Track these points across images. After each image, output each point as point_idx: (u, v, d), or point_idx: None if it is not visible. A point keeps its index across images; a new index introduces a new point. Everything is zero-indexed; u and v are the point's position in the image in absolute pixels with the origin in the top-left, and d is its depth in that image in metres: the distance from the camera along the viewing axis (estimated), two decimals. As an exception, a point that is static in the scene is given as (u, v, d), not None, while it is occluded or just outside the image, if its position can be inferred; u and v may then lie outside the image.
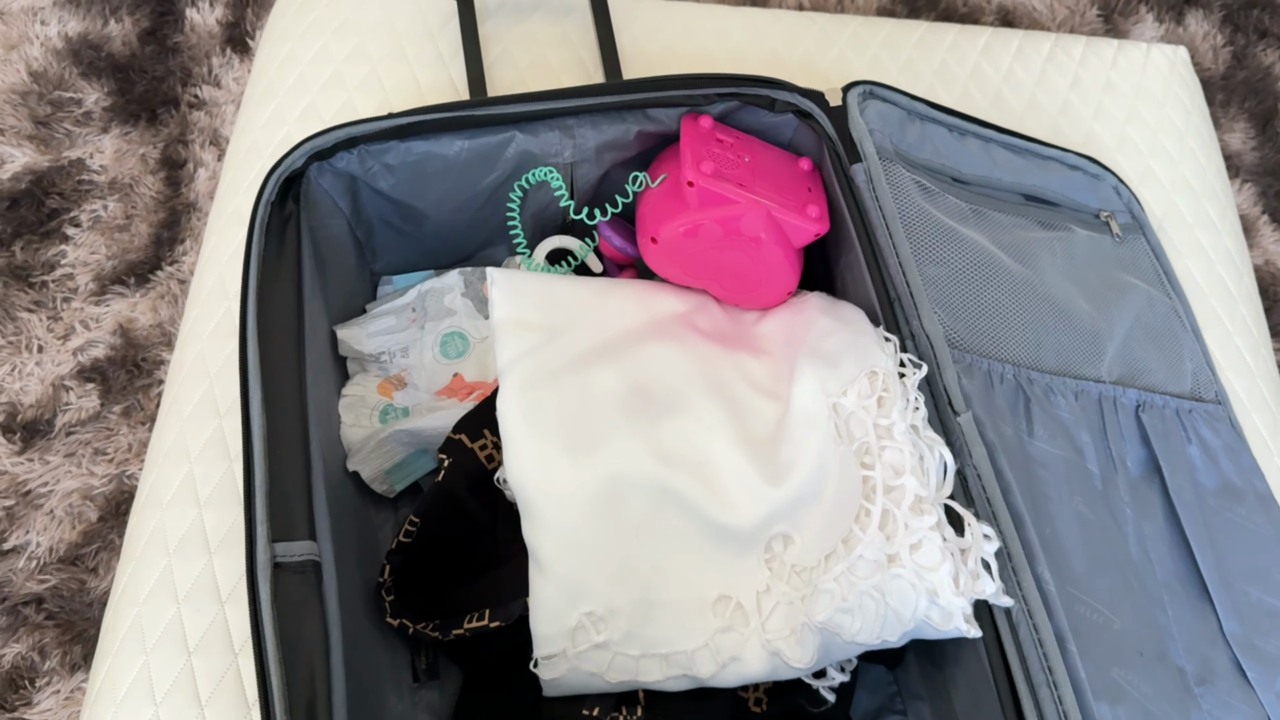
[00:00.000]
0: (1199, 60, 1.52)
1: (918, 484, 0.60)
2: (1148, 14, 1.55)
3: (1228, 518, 0.75)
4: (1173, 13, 1.56)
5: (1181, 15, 1.56)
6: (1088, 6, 1.54)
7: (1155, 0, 1.57)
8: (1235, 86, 1.51)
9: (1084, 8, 1.54)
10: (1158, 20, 1.55)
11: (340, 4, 0.97)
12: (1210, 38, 1.54)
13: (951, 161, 0.78)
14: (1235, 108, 1.49)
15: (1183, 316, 0.86)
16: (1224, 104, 1.49)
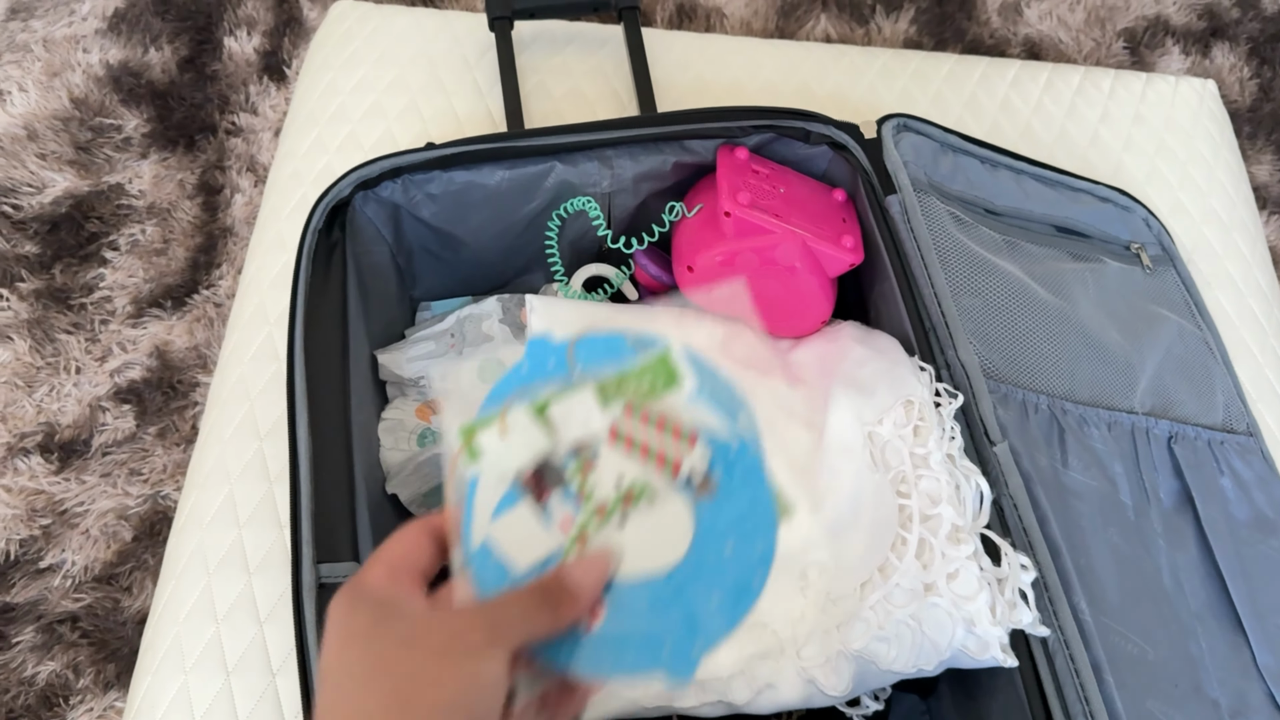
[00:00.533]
0: (1225, 92, 1.53)
1: (954, 513, 0.60)
2: (1174, 46, 1.56)
3: (1261, 550, 0.75)
4: (1199, 45, 1.57)
5: (1208, 48, 1.57)
6: (1113, 39, 1.55)
7: (1181, 33, 1.57)
8: (1262, 118, 1.51)
9: (1110, 40, 1.55)
10: (1184, 53, 1.56)
11: (379, 36, 0.99)
12: (1237, 70, 1.55)
13: (984, 193, 0.79)
14: (1262, 140, 1.49)
15: (1214, 348, 0.86)
16: (1251, 136, 1.50)
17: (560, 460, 0.45)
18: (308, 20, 1.46)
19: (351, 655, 0.38)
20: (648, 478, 0.45)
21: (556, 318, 0.69)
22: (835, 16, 1.53)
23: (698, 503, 0.45)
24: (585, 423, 0.46)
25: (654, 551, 0.44)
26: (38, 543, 1.11)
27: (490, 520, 0.44)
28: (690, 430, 0.46)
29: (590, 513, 0.45)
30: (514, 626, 0.39)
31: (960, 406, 0.65)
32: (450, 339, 0.78)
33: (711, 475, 0.45)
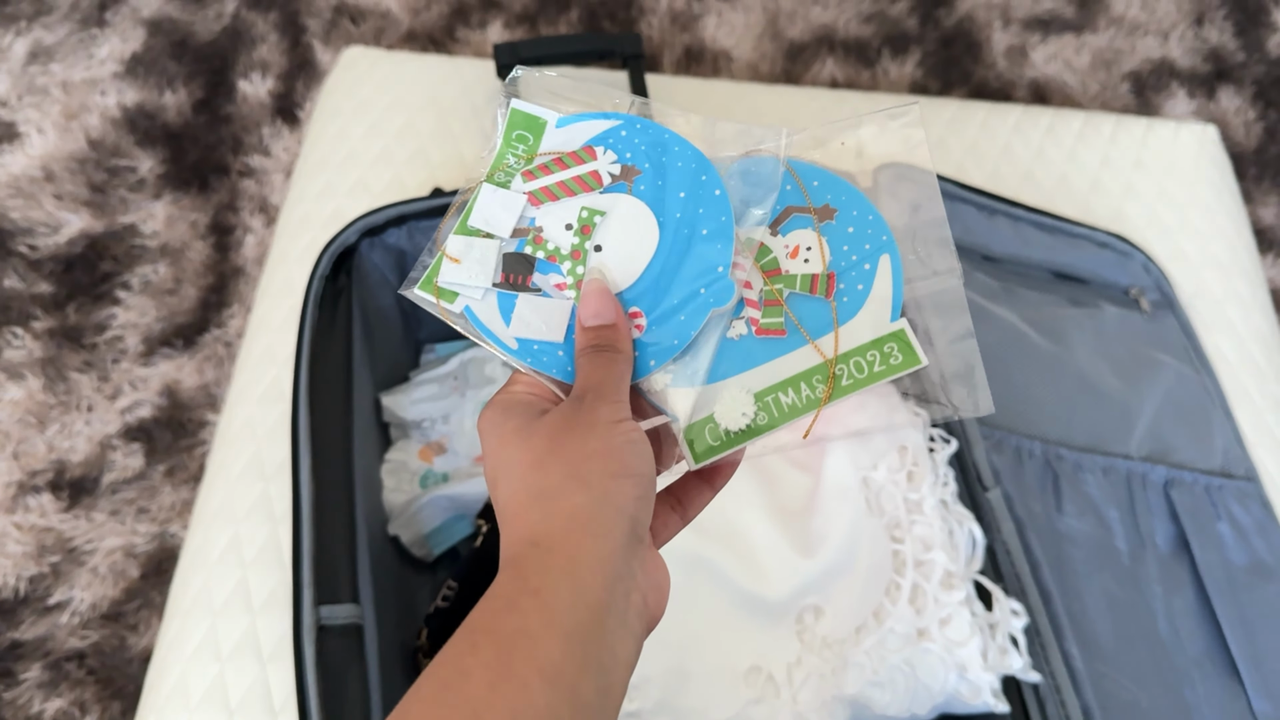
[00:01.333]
0: (1231, 135, 1.54)
1: (947, 559, 0.61)
2: (1179, 89, 1.57)
3: (1258, 596, 0.76)
4: (1204, 88, 1.58)
5: (1213, 91, 1.58)
6: (1119, 82, 1.57)
7: (1187, 76, 1.59)
8: (1268, 161, 1.52)
9: (1116, 83, 1.56)
10: (1190, 96, 1.57)
11: (390, 82, 1.01)
12: (1242, 113, 1.56)
13: (981, 240, 0.80)
14: (1269, 182, 1.50)
15: (1213, 393, 0.87)
16: (1257, 178, 1.50)
17: (514, 249, 0.50)
18: (321, 64, 1.48)
19: (515, 450, 0.41)
20: (584, 203, 0.50)
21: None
22: (842, 60, 1.55)
23: (633, 188, 0.51)
24: (506, 209, 0.51)
25: (637, 244, 0.50)
26: (46, 580, 1.12)
27: (506, 326, 0.49)
28: (583, 147, 0.51)
29: (571, 263, 0.49)
30: (611, 384, 0.44)
31: (954, 452, 0.65)
32: (453, 381, 0.79)
33: (626, 164, 0.51)
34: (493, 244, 0.50)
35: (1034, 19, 1.61)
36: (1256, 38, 1.63)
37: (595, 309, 0.46)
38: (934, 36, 1.59)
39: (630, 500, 0.39)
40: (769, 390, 0.49)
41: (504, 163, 0.52)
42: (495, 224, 0.50)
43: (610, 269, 0.49)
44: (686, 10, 1.57)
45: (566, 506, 0.38)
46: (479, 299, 0.49)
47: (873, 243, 0.51)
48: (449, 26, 1.53)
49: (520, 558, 0.38)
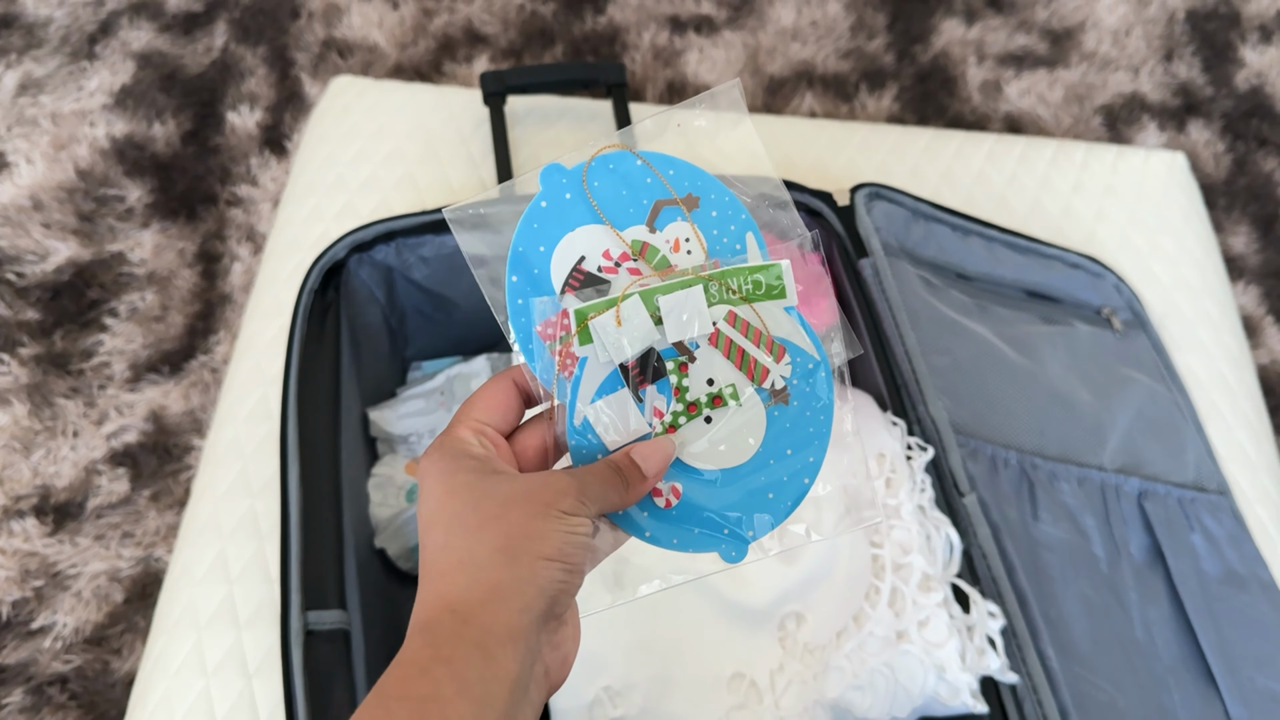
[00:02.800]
0: (1201, 167, 1.57)
1: (925, 562, 0.62)
2: (1150, 123, 1.61)
3: (1232, 605, 0.77)
4: (1175, 121, 1.62)
5: (1183, 124, 1.62)
6: (1092, 115, 1.60)
7: (1157, 110, 1.63)
8: (1238, 192, 1.56)
9: (1089, 116, 1.60)
10: (1160, 129, 1.61)
11: (377, 110, 1.03)
12: (1212, 145, 1.60)
13: (955, 259, 0.82)
14: (1238, 212, 1.53)
15: (1184, 410, 0.89)
16: (1227, 209, 1.54)
17: (662, 354, 0.50)
18: (308, 97, 1.51)
19: (458, 505, 0.42)
20: (736, 381, 0.50)
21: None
22: (820, 94, 1.58)
23: (770, 410, 0.51)
24: (689, 321, 0.50)
25: (730, 448, 0.50)
26: (30, 604, 1.12)
27: (590, 401, 0.49)
28: (779, 345, 0.51)
29: (682, 407, 0.50)
30: (595, 496, 0.44)
31: (931, 460, 0.67)
32: (440, 397, 0.81)
33: (789, 386, 0.51)
34: (655, 334, 0.49)
35: (1008, 55, 1.65)
36: (1224, 73, 1.67)
37: (649, 456, 0.47)
38: (910, 72, 1.62)
39: (554, 583, 0.40)
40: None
41: (733, 281, 0.51)
42: (673, 323, 0.50)
43: (698, 445, 0.50)
44: (669, 46, 1.60)
45: (491, 579, 0.39)
46: (599, 363, 0.49)
47: (736, 223, 0.52)
48: (435, 61, 1.56)
49: (435, 623, 0.39)
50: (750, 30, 1.63)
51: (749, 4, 1.67)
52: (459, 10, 1.61)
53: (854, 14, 1.67)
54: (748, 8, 1.66)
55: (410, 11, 1.60)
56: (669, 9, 1.65)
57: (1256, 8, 1.75)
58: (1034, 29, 1.68)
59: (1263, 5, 1.75)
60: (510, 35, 1.59)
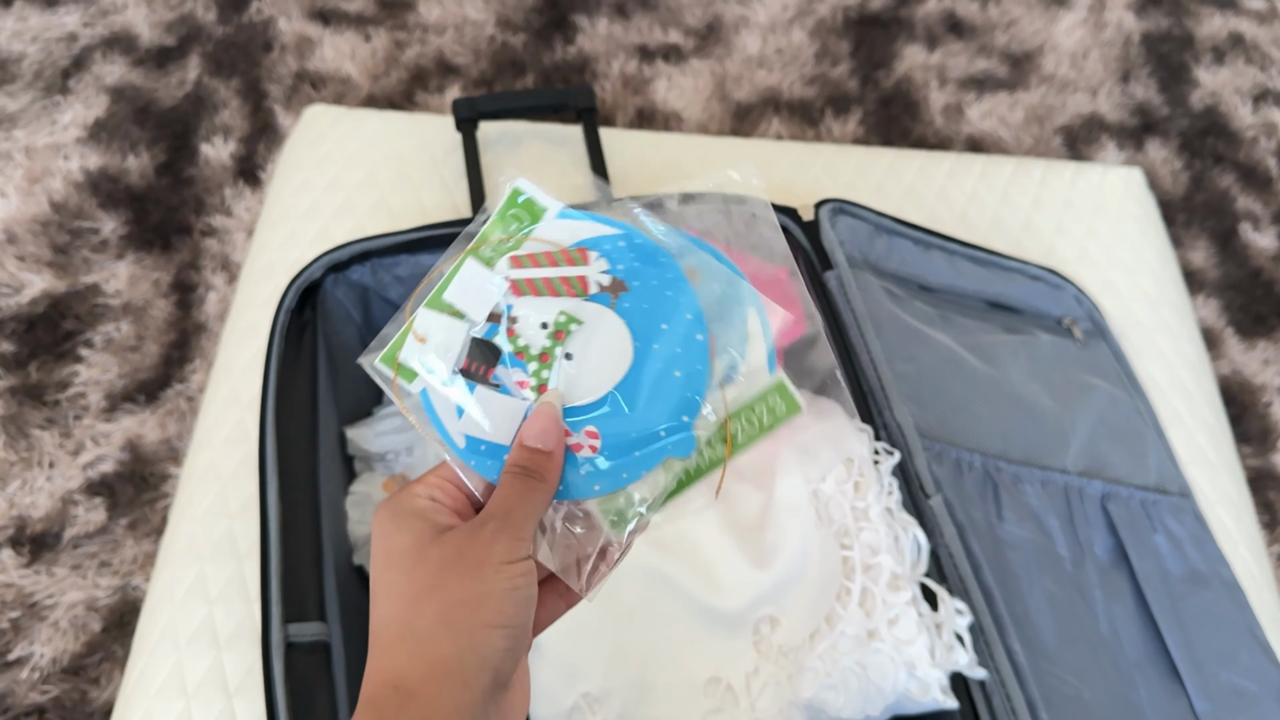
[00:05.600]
0: (1160, 184, 1.61)
1: (894, 562, 0.64)
2: (1109, 142, 1.65)
3: (1195, 603, 0.79)
4: (1133, 140, 1.66)
5: (1141, 143, 1.66)
6: (1052, 135, 1.64)
7: (1116, 129, 1.67)
8: (1195, 208, 1.59)
9: (1049, 136, 1.64)
10: (1119, 148, 1.65)
11: (351, 138, 1.04)
12: (1169, 163, 1.64)
13: (918, 271, 0.84)
14: (1196, 227, 1.57)
15: (1145, 415, 0.91)
16: (1185, 224, 1.58)
17: (484, 334, 0.48)
18: (282, 128, 1.52)
19: (396, 575, 0.41)
20: (564, 307, 0.48)
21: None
22: (787, 119, 1.61)
23: (617, 305, 0.48)
24: (484, 292, 0.48)
25: (607, 363, 0.48)
26: (5, 636, 1.11)
27: (458, 418, 0.47)
28: (577, 247, 0.49)
29: (537, 364, 0.47)
30: (522, 514, 0.43)
31: (897, 463, 0.69)
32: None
33: (616, 275, 0.49)
34: (462, 326, 0.48)
35: (969, 78, 1.69)
36: (1180, 93, 1.72)
37: (539, 431, 0.45)
38: (874, 96, 1.66)
39: (498, 652, 0.40)
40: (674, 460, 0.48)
41: (492, 239, 0.50)
42: (470, 305, 0.48)
43: (575, 383, 0.47)
44: (638, 74, 1.63)
45: (432, 653, 0.39)
46: (437, 383, 0.47)
47: (736, 301, 0.50)
48: (408, 91, 1.58)
49: (380, 699, 0.39)
50: (717, 58, 1.67)
51: (716, 33, 1.70)
52: (430, 41, 1.63)
53: (818, 41, 1.71)
54: (714, 36, 1.69)
55: (382, 43, 1.62)
56: (637, 38, 1.68)
57: (1209, 29, 1.80)
58: (994, 53, 1.73)
59: (1215, 27, 1.80)
60: (481, 66, 1.62)
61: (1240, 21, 1.81)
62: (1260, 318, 1.48)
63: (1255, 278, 1.52)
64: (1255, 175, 1.63)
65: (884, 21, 1.75)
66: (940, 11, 1.77)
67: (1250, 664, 0.78)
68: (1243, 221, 1.58)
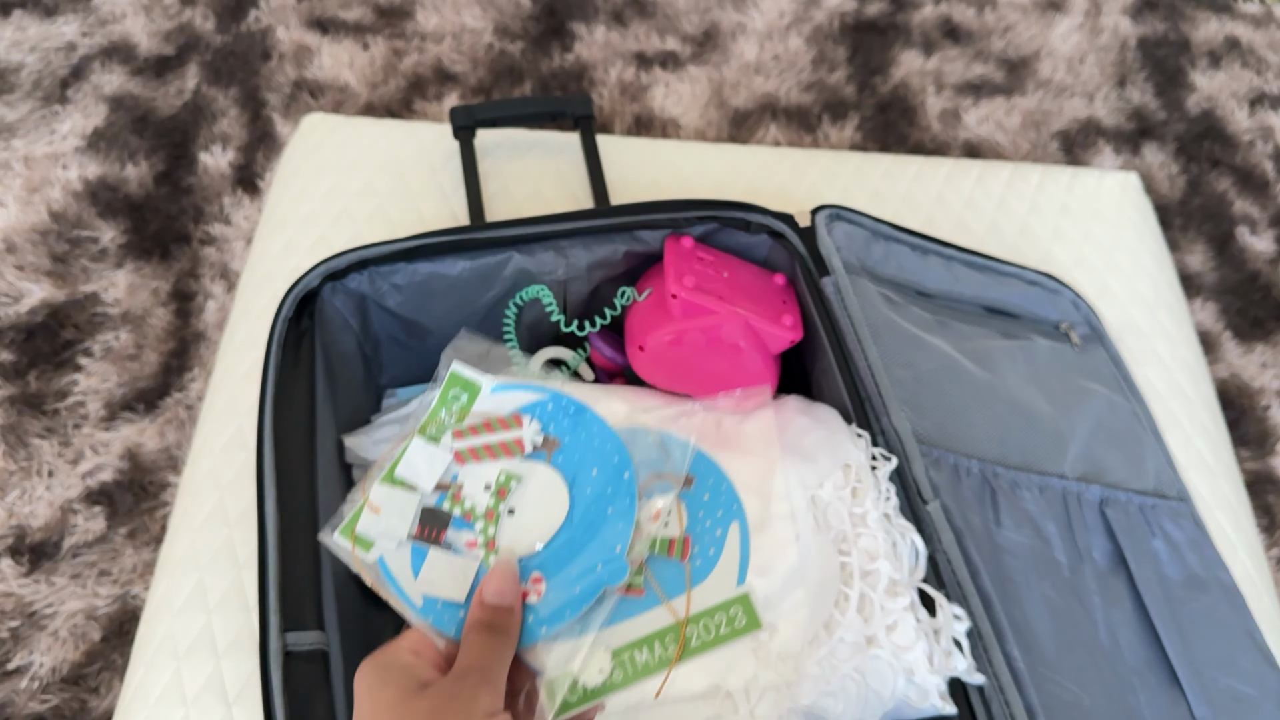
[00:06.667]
0: (1157, 188, 1.61)
1: (891, 568, 0.64)
2: (1106, 146, 1.65)
3: (1194, 608, 0.79)
4: (1130, 145, 1.66)
5: (1138, 147, 1.66)
6: (1049, 140, 1.64)
7: (1113, 134, 1.67)
8: (1192, 211, 1.60)
9: (1046, 141, 1.64)
10: (1116, 152, 1.65)
11: (349, 146, 1.05)
12: (1166, 167, 1.64)
13: (915, 277, 0.84)
14: (1193, 231, 1.58)
15: (1143, 420, 0.91)
16: (1182, 228, 1.58)
17: (434, 503, 0.53)
18: (280, 136, 1.52)
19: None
20: (505, 467, 0.54)
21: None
22: (784, 126, 1.62)
23: (553, 458, 0.54)
24: (431, 464, 0.54)
25: (546, 512, 0.53)
26: (5, 645, 1.11)
27: (414, 580, 0.52)
28: (512, 414, 0.56)
29: (484, 522, 0.52)
30: (496, 668, 0.46)
31: (895, 469, 0.69)
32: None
33: (550, 435, 0.55)
34: (414, 497, 0.53)
35: (966, 84, 1.69)
36: (1176, 97, 1.72)
37: (498, 588, 0.49)
38: (871, 102, 1.66)
39: None
40: (625, 648, 0.53)
41: (437, 418, 0.56)
42: (419, 477, 0.54)
43: (519, 533, 0.52)
44: (635, 82, 1.63)
45: None
46: (393, 550, 0.52)
47: (725, 510, 0.57)
48: (406, 99, 1.58)
49: None
50: (715, 65, 1.67)
51: (713, 40, 1.70)
52: (428, 50, 1.64)
53: (815, 48, 1.71)
54: (712, 43, 1.70)
55: (380, 51, 1.63)
56: (635, 46, 1.68)
57: (1205, 34, 1.81)
58: (990, 58, 1.73)
59: (1211, 32, 1.81)
60: (479, 74, 1.62)
61: (1236, 26, 1.82)
62: (1258, 321, 1.48)
63: (1253, 281, 1.52)
64: (1252, 179, 1.64)
65: (881, 28, 1.75)
66: (937, 17, 1.78)
67: (1250, 669, 0.78)
68: (1240, 225, 1.58)
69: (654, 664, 0.53)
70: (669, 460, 0.56)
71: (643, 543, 0.54)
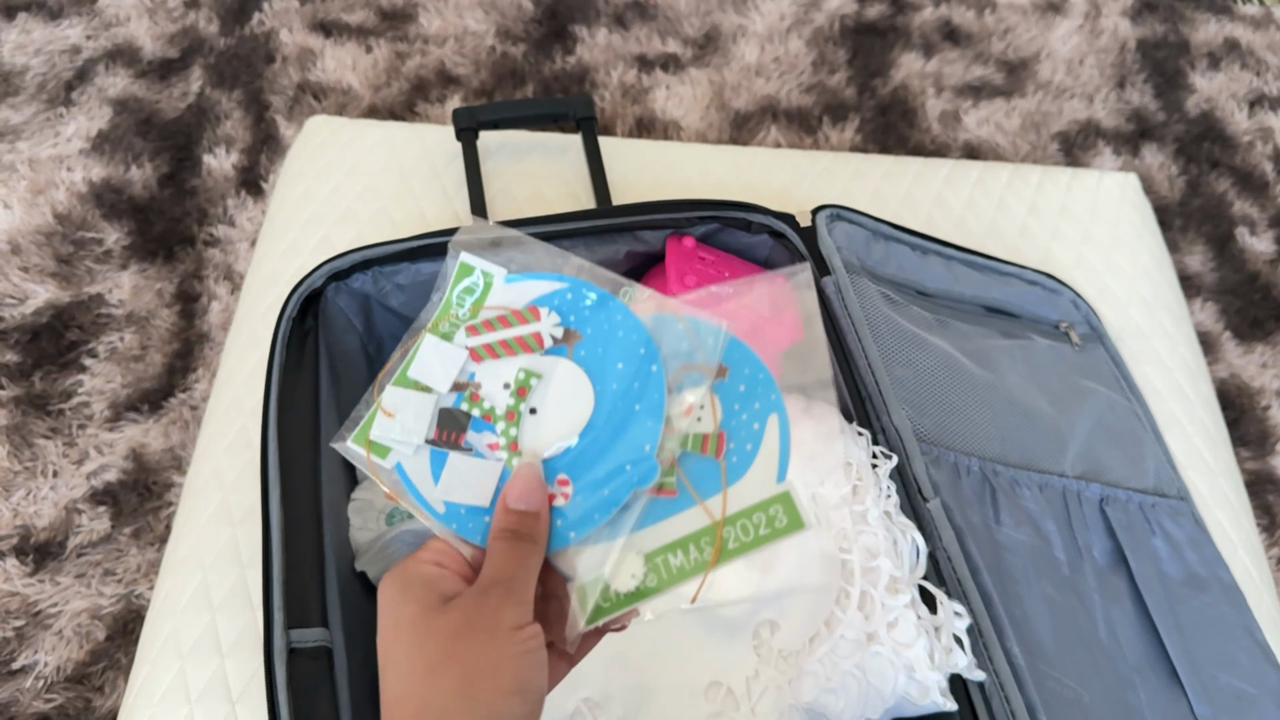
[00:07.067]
0: (1156, 189, 1.62)
1: (892, 565, 0.64)
2: (1105, 148, 1.66)
3: (1194, 606, 0.79)
4: (1129, 146, 1.67)
5: (1137, 149, 1.66)
6: (1048, 142, 1.65)
7: (1112, 135, 1.67)
8: (1192, 212, 1.60)
9: (1045, 143, 1.65)
10: (1115, 153, 1.65)
11: (352, 148, 1.05)
12: (1165, 168, 1.65)
13: (915, 276, 0.85)
14: (1193, 232, 1.58)
15: (1143, 419, 0.91)
16: (1182, 229, 1.58)
17: (451, 404, 0.50)
18: (284, 138, 1.53)
19: (406, 648, 0.41)
20: (523, 364, 0.51)
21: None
22: (785, 128, 1.62)
23: (574, 352, 0.51)
24: (446, 363, 0.51)
25: (570, 411, 0.50)
26: (10, 644, 1.12)
27: (434, 486, 0.49)
28: (527, 306, 0.52)
29: (505, 423, 0.50)
30: (522, 578, 0.43)
31: (895, 467, 0.69)
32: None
33: (570, 327, 0.52)
34: (429, 399, 0.50)
35: (965, 86, 1.70)
36: (1175, 99, 1.72)
37: (523, 492, 0.46)
38: (871, 104, 1.67)
39: (517, 718, 0.40)
40: (659, 551, 0.50)
41: (449, 314, 0.53)
42: (434, 378, 0.51)
43: (542, 433, 0.50)
44: (637, 84, 1.64)
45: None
46: (410, 455, 0.49)
47: (762, 401, 0.53)
48: (409, 102, 1.59)
49: None
50: (715, 68, 1.68)
51: (714, 42, 1.71)
52: (431, 53, 1.64)
53: (815, 50, 1.72)
54: (712, 46, 1.70)
55: (383, 54, 1.63)
56: (636, 48, 1.69)
57: (1204, 35, 1.81)
58: (990, 60, 1.73)
59: (1210, 33, 1.81)
60: (482, 76, 1.63)
61: (1235, 27, 1.82)
62: (1258, 321, 1.49)
63: (1252, 282, 1.53)
64: (1251, 180, 1.64)
65: (881, 30, 1.76)
66: (937, 20, 1.78)
67: (1250, 667, 0.78)
68: (1239, 226, 1.59)
69: (689, 568, 0.50)
70: (700, 349, 0.53)
71: (674, 440, 0.50)
